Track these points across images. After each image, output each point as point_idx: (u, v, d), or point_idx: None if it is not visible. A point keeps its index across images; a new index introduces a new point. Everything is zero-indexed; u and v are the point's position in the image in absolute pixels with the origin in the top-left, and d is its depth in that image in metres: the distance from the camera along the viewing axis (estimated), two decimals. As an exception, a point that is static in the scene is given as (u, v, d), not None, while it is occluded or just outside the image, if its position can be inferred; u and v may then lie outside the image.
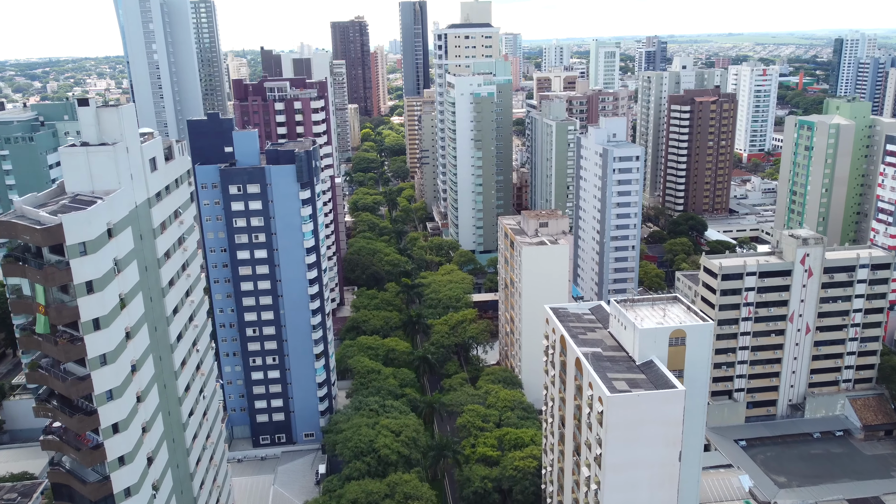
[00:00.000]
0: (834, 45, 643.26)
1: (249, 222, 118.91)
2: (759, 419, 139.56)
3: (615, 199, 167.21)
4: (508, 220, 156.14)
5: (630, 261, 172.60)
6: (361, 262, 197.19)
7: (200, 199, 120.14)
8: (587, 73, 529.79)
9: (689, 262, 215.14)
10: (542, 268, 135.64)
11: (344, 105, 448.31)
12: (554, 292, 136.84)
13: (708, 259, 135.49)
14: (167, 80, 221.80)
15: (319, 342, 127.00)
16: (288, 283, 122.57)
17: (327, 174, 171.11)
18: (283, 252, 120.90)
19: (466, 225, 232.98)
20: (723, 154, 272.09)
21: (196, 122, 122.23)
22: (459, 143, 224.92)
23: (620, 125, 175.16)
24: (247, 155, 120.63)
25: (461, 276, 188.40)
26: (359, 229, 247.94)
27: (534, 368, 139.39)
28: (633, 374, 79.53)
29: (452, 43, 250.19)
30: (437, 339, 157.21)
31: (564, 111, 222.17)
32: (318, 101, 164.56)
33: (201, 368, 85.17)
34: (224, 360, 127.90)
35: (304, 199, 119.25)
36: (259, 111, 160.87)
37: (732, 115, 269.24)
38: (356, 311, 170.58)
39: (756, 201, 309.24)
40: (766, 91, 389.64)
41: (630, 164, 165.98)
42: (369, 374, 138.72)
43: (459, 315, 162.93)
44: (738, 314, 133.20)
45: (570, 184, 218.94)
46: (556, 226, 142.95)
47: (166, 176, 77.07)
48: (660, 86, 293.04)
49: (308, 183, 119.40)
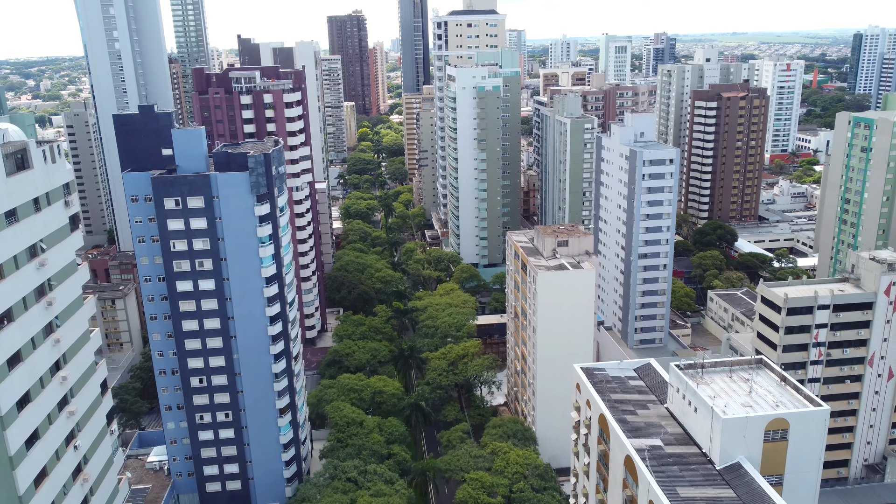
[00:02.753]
0: (852, 42, 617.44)
1: (192, 245, 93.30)
2: (828, 483, 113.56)
3: (644, 209, 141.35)
4: (519, 235, 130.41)
5: (661, 282, 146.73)
6: (348, 280, 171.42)
7: (131, 216, 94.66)
8: (596, 69, 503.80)
9: (723, 279, 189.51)
10: (562, 298, 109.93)
11: (339, 102, 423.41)
12: (576, 328, 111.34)
13: (768, 288, 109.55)
14: (131, 75, 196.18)
15: (284, 393, 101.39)
16: (243, 322, 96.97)
17: (305, 180, 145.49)
18: (236, 282, 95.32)
19: (469, 235, 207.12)
20: (752, 156, 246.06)
21: (123, 118, 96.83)
22: (461, 144, 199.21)
23: (649, 123, 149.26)
24: (190, 159, 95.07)
25: (462, 297, 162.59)
26: (349, 239, 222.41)
27: (551, 421, 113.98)
28: (715, 487, 53.79)
29: (453, 32, 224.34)
30: (433, 376, 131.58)
31: (580, 107, 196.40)
32: (294, 93, 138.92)
33: (84, 471, 59.34)
34: (166, 415, 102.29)
35: (261, 215, 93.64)
36: (222, 105, 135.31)
37: (764, 112, 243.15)
38: (339, 342, 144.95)
39: (785, 206, 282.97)
40: (789, 88, 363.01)
41: (662, 168, 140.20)
42: (350, 426, 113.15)
43: (460, 348, 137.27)
44: (807, 356, 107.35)
45: (586, 190, 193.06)
46: (577, 245, 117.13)
47: (11, 195, 51.41)
48: (681, 80, 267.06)
49: (267, 195, 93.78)
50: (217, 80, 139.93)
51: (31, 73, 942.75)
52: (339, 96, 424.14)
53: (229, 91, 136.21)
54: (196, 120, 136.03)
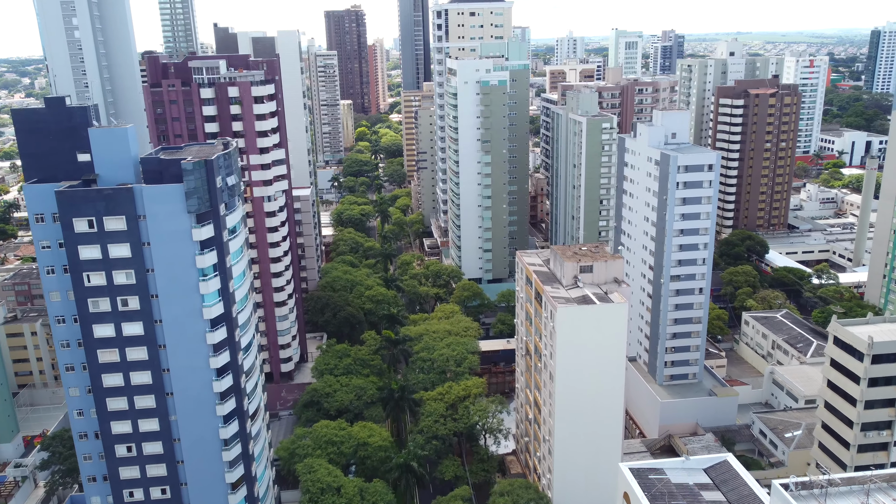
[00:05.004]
0: (870, 38, 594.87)
1: (111, 278, 72.02)
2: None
3: (678, 223, 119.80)
4: (531, 257, 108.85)
5: (696, 308, 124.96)
6: (333, 301, 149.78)
7: (36, 240, 73.42)
8: (605, 66, 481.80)
9: (758, 299, 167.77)
10: (588, 338, 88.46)
11: (336, 101, 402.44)
12: (604, 376, 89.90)
13: (843, 327, 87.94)
14: (94, 70, 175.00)
15: (237, 463, 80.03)
16: (181, 375, 75.73)
17: (279, 188, 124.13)
18: (172, 326, 74.06)
19: (471, 247, 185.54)
20: (781, 158, 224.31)
21: (26, 114, 75.62)
22: (462, 145, 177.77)
23: (682, 121, 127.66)
24: (114, 167, 73.81)
25: (463, 322, 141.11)
26: (339, 250, 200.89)
27: (571, 489, 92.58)
28: None
29: (455, 21, 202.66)
30: (428, 424, 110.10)
31: (596, 104, 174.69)
32: (265, 86, 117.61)
33: None
34: (89, 488, 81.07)
35: (201, 239, 72.32)
36: (178, 100, 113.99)
37: (795, 111, 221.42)
38: (319, 378, 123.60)
39: (813, 213, 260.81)
40: (812, 85, 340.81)
41: (700, 175, 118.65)
42: (324, 493, 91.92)
43: (461, 387, 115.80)
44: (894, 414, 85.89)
45: (604, 197, 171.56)
46: (604, 271, 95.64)
47: None
48: (703, 75, 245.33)
49: (209, 214, 72.49)
50: (176, 71, 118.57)
51: (28, 72, 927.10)
52: (336, 94, 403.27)
53: (188, 83, 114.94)
54: (148, 118, 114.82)
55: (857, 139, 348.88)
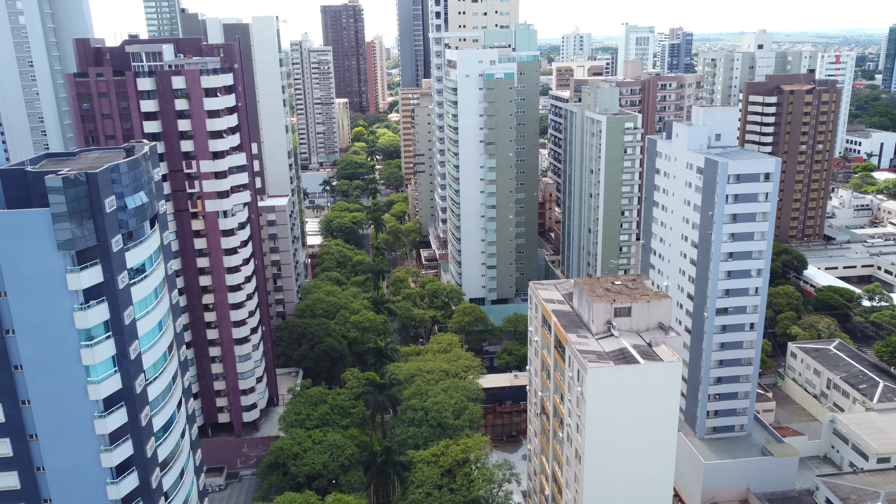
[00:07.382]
0: (888, 35, 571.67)
1: (-48, 344, 49.94)
2: None
3: (727, 244, 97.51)
4: (548, 290, 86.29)
5: (747, 347, 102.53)
6: (311, 330, 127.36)
7: None
8: (613, 64, 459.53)
9: (803, 325, 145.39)
10: (629, 409, 66.18)
11: (331, 99, 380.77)
12: (649, 458, 67.55)
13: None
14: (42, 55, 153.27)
15: (148, 591, 57.85)
16: (62, 477, 53.56)
17: (240, 200, 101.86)
18: (43, 409, 51.93)
19: (472, 263, 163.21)
20: (818, 161, 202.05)
21: None
22: (463, 147, 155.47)
23: (729, 120, 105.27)
24: (-33, 181, 51.74)
25: (464, 360, 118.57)
26: (325, 265, 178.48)
27: None
28: None
29: (455, 9, 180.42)
30: (419, 497, 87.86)
31: (616, 101, 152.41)
32: (220, 75, 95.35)
33: None
34: None
35: (83, 288, 50.15)
36: (110, 93, 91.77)
37: (834, 109, 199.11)
38: (287, 431, 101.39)
39: (847, 221, 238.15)
40: (839, 83, 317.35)
41: (755, 186, 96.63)
42: None
43: (460, 448, 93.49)
44: None
45: (626, 208, 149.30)
46: (646, 313, 73.28)
47: None
48: (729, 70, 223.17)
49: (96, 250, 50.33)
50: (112, 58, 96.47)
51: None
52: (331, 92, 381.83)
53: (124, 72, 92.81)
54: (73, 115, 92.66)
55: (885, 140, 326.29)
